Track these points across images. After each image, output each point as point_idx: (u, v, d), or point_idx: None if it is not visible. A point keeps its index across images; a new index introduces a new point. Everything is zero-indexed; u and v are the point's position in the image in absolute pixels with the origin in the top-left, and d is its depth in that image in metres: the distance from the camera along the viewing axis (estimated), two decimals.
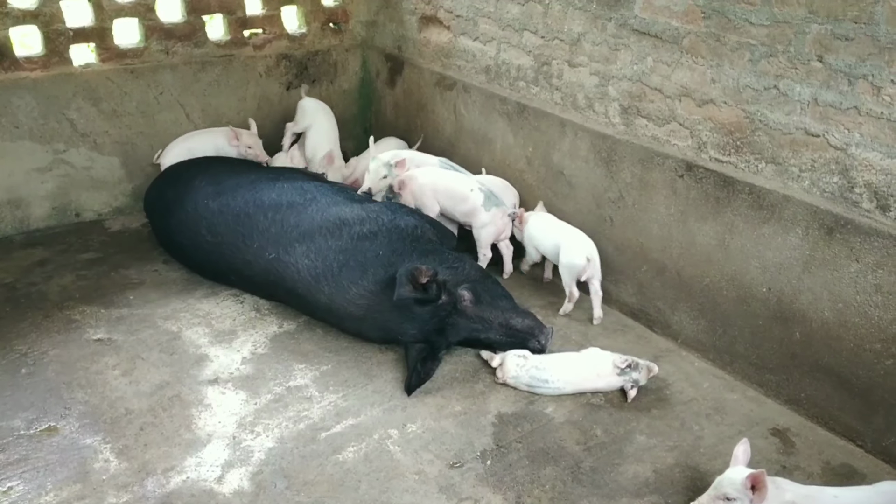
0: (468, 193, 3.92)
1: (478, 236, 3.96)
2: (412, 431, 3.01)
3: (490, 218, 3.89)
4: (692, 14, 3.14)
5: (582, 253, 3.59)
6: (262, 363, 3.39)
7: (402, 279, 3.22)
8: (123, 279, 4.02)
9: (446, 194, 4.00)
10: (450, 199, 4.00)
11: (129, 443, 2.90)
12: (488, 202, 3.89)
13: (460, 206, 3.96)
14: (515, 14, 3.99)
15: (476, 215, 3.91)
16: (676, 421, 3.09)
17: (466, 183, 3.99)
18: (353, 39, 5.21)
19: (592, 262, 3.60)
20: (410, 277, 3.21)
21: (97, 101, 4.40)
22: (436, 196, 4.01)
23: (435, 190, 4.01)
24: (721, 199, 3.19)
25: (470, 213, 3.94)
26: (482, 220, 3.90)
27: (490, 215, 3.89)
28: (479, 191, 3.92)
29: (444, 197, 4.01)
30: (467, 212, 3.94)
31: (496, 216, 3.90)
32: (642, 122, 3.48)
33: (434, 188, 4.01)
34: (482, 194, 3.90)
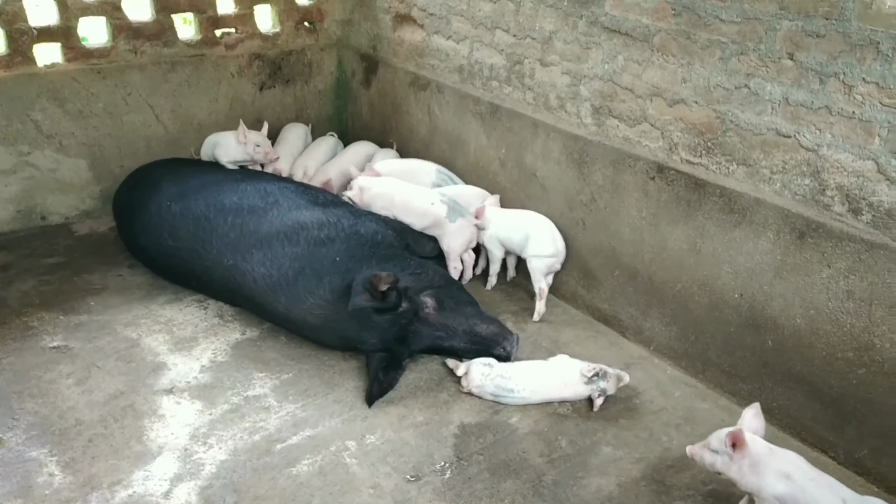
0: (428, 208, 3.77)
1: (446, 249, 3.80)
2: (371, 443, 2.91)
3: (457, 229, 3.74)
4: (662, 11, 3.04)
5: (553, 244, 3.54)
6: (222, 371, 3.29)
7: (357, 287, 3.10)
8: (86, 284, 3.92)
9: (403, 208, 3.86)
10: (408, 214, 3.84)
11: (76, 455, 2.80)
12: (452, 213, 3.74)
13: (421, 220, 3.81)
14: (487, 12, 3.89)
15: (442, 228, 3.76)
16: (645, 431, 2.98)
17: (426, 197, 3.83)
18: (327, 39, 5.11)
19: (561, 253, 3.56)
20: (368, 285, 3.09)
21: (62, 102, 4.30)
22: (391, 209, 3.87)
23: (391, 203, 3.87)
24: (692, 201, 3.08)
25: (434, 227, 3.79)
26: (449, 232, 3.75)
27: (457, 226, 3.74)
28: (441, 203, 3.77)
29: (401, 211, 3.85)
30: (429, 226, 3.80)
31: (463, 227, 3.75)
32: (614, 122, 3.38)
33: (390, 200, 3.87)
34: (445, 206, 3.75)
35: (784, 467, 2.30)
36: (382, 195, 3.91)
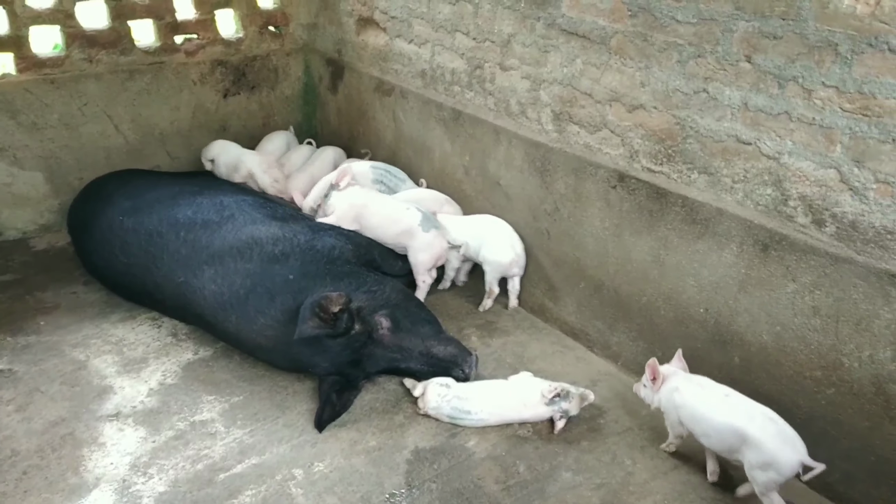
0: (402, 214, 3.64)
1: (414, 262, 3.65)
2: (319, 471, 2.77)
3: (429, 241, 3.59)
4: (618, 12, 2.90)
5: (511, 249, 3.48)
6: (169, 395, 3.15)
7: (304, 313, 2.95)
8: (38, 303, 3.79)
9: (379, 215, 3.70)
10: (381, 221, 3.69)
11: (7, 489, 2.67)
12: (426, 223, 3.61)
13: (392, 227, 3.66)
14: (447, 14, 3.74)
15: (413, 237, 3.60)
16: (607, 454, 2.85)
17: (401, 204, 3.71)
18: (293, 43, 4.97)
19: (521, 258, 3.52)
20: (318, 308, 2.94)
21: (15, 114, 4.16)
22: (359, 219, 3.72)
23: (366, 209, 3.72)
24: (654, 211, 2.94)
25: (404, 236, 3.63)
26: (420, 243, 3.59)
27: (429, 237, 3.59)
28: (417, 210, 3.64)
29: (374, 218, 3.70)
30: (400, 233, 3.63)
31: (434, 239, 3.60)
32: (574, 128, 3.24)
33: (364, 208, 3.72)
34: (419, 214, 3.62)
35: (675, 382, 2.67)
36: (357, 206, 3.75)
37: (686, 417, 2.62)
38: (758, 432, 2.39)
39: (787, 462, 2.34)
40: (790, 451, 2.36)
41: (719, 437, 2.51)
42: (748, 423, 2.42)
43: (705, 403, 2.57)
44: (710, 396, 2.59)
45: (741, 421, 2.43)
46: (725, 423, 2.47)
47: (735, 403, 2.53)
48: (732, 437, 2.45)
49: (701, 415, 2.56)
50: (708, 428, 2.54)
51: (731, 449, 2.48)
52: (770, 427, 2.41)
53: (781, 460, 2.35)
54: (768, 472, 2.37)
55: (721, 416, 2.49)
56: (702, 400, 2.58)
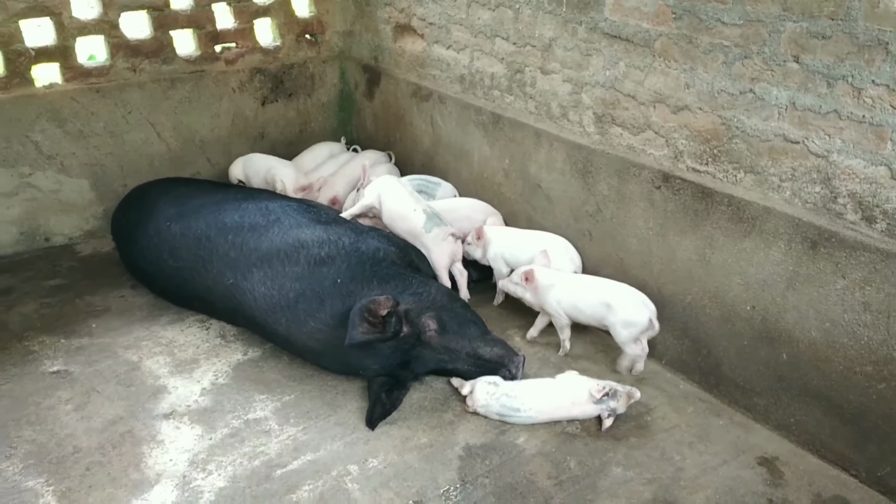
0: (409, 213, 3.72)
1: (431, 262, 3.71)
2: (373, 467, 2.83)
3: (433, 239, 3.64)
4: (663, 15, 2.95)
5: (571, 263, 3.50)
6: (222, 394, 3.22)
7: (354, 319, 2.99)
8: (88, 306, 3.88)
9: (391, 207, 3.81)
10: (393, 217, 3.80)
11: (72, 485, 2.74)
12: (429, 223, 3.65)
13: (401, 224, 3.75)
14: (486, 20, 3.81)
15: (419, 238, 3.68)
16: (656, 450, 2.88)
17: (411, 202, 3.76)
18: (329, 51, 5.06)
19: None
20: (367, 313, 2.99)
21: (62, 123, 4.27)
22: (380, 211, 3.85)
23: (384, 197, 3.83)
24: (700, 211, 2.99)
25: (412, 236, 3.71)
26: (427, 242, 3.66)
27: (432, 236, 3.64)
28: (423, 212, 3.69)
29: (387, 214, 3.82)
30: (408, 232, 3.72)
31: (438, 237, 3.63)
32: (617, 130, 3.29)
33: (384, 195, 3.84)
34: (424, 216, 3.67)
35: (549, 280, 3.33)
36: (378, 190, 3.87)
37: (566, 307, 3.31)
38: (618, 301, 3.15)
39: (641, 318, 3.12)
40: (643, 310, 3.13)
41: (592, 312, 3.25)
42: (611, 297, 3.17)
43: (577, 291, 3.29)
44: (578, 285, 3.32)
45: (606, 297, 3.19)
46: (596, 301, 3.21)
47: (598, 284, 3.30)
48: (602, 309, 3.19)
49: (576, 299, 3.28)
50: (584, 307, 3.26)
51: (601, 318, 3.21)
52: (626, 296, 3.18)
53: (637, 318, 3.12)
54: (629, 329, 3.14)
55: (590, 297, 3.24)
56: (573, 289, 3.30)
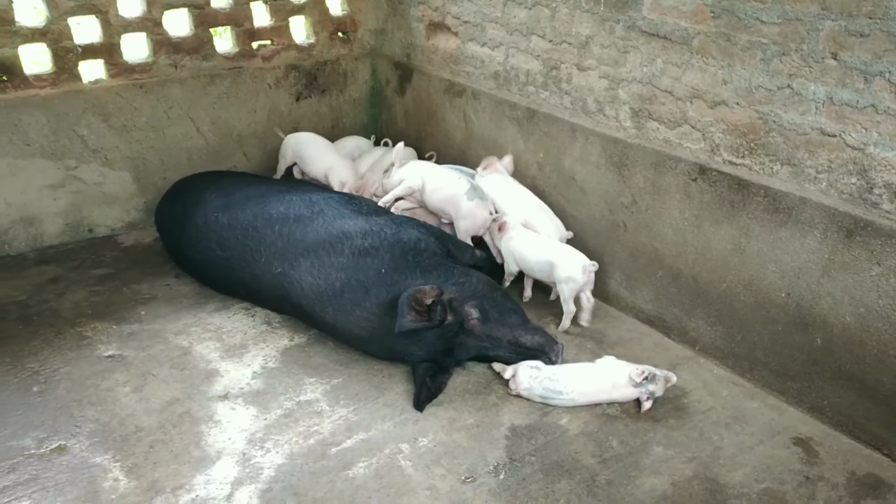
0: (455, 180, 4.00)
1: (457, 227, 3.98)
2: (423, 445, 2.96)
3: (470, 209, 3.89)
4: (701, 14, 3.07)
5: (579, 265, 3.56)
6: (273, 377, 3.35)
7: (402, 307, 3.13)
8: (135, 294, 4.01)
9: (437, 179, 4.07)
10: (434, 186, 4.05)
11: (138, 461, 2.87)
12: (472, 192, 3.91)
13: (444, 192, 4.00)
14: (523, 18, 3.93)
15: (457, 205, 3.93)
16: (695, 431, 3.01)
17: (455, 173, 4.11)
18: (361, 48, 5.19)
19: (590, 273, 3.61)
20: (413, 302, 3.13)
21: (107, 117, 4.40)
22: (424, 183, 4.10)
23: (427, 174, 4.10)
24: (736, 202, 3.11)
25: (450, 202, 3.97)
26: (463, 211, 3.91)
27: (472, 205, 3.88)
28: (467, 181, 3.97)
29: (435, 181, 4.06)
30: (446, 199, 3.98)
31: (477, 208, 3.89)
32: (653, 125, 3.42)
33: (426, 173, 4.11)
34: (468, 184, 3.94)
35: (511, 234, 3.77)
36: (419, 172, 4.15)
37: (519, 259, 3.73)
38: (559, 259, 3.54)
39: (578, 275, 3.50)
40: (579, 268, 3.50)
41: (540, 269, 3.65)
42: (553, 255, 3.57)
43: (528, 248, 3.68)
44: (530, 242, 3.70)
45: (549, 255, 3.58)
46: (541, 259, 3.61)
47: (545, 243, 3.68)
48: (547, 267, 3.58)
49: (526, 256, 3.69)
50: (533, 264, 3.67)
51: (548, 274, 3.60)
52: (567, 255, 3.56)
53: (575, 275, 3.50)
54: (569, 284, 3.53)
55: (537, 254, 3.63)
56: (525, 245, 3.70)
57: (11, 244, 4.34)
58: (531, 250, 3.68)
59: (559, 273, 3.55)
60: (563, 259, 3.55)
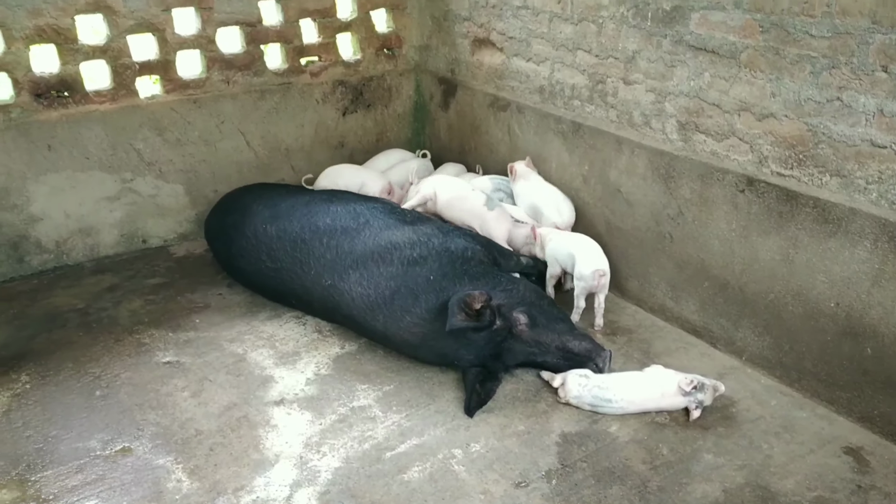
0: (468, 194, 4.18)
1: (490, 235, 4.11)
2: (476, 451, 3.02)
3: (495, 217, 4.06)
4: (750, 28, 3.13)
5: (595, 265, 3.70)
6: (326, 384, 3.44)
7: (453, 308, 3.22)
8: (189, 303, 4.13)
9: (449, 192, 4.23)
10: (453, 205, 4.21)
11: (199, 463, 2.97)
12: (490, 202, 4.13)
13: (459, 205, 4.18)
14: (569, 34, 4.01)
15: (481, 217, 4.09)
16: (744, 439, 3.04)
17: (468, 185, 4.32)
18: (406, 64, 5.30)
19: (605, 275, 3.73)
20: (463, 305, 3.21)
21: (162, 131, 4.54)
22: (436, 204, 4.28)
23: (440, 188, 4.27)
24: (784, 213, 3.14)
25: (471, 215, 4.13)
26: (487, 219, 4.07)
27: (494, 215, 4.06)
28: (481, 192, 4.17)
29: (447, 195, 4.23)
30: (467, 211, 4.15)
31: (500, 216, 4.09)
32: (700, 137, 3.46)
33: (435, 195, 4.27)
34: (483, 195, 4.14)
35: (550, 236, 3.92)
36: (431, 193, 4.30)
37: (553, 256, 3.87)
38: (579, 255, 3.71)
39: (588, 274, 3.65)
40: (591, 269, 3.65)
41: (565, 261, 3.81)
42: (576, 249, 3.74)
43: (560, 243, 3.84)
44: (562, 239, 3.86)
45: (573, 249, 3.75)
46: (568, 251, 3.77)
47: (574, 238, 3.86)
48: (570, 260, 3.75)
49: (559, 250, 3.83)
50: (565, 257, 3.81)
51: (570, 267, 3.76)
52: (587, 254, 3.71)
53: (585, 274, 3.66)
54: (580, 281, 3.68)
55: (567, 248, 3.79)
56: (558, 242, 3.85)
57: (69, 254, 4.49)
58: (565, 245, 3.83)
59: (576, 268, 3.72)
60: (583, 256, 3.72)
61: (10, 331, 3.87)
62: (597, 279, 3.67)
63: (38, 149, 4.22)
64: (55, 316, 4.00)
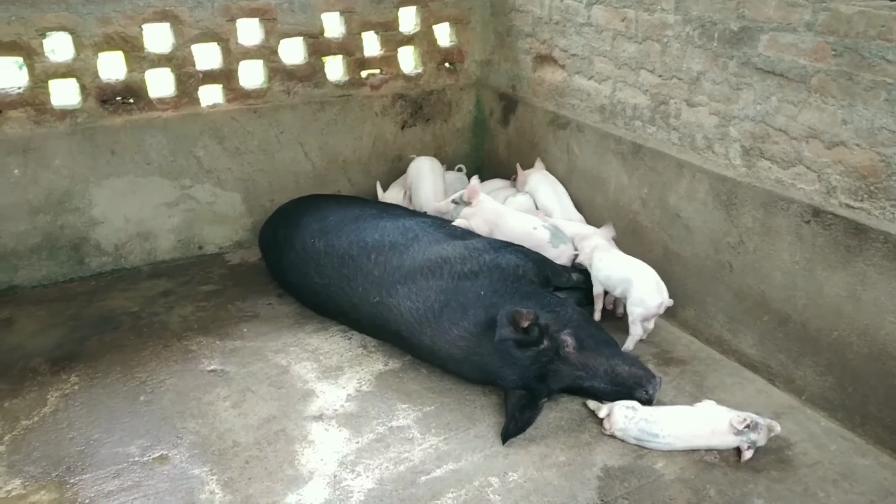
0: (531, 231, 4.01)
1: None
2: (513, 480, 2.92)
3: (557, 255, 3.94)
4: (821, 52, 2.97)
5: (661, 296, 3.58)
6: (367, 401, 3.39)
7: (502, 320, 3.14)
8: (239, 311, 4.14)
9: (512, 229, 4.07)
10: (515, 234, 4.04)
11: (234, 475, 2.95)
12: (555, 239, 3.97)
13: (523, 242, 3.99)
14: (632, 53, 3.90)
15: (545, 252, 3.96)
16: (799, 485, 2.86)
17: (529, 221, 4.10)
18: (467, 79, 5.25)
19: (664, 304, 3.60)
20: (511, 319, 3.14)
21: (222, 140, 4.59)
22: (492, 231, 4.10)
23: (501, 220, 4.10)
24: (852, 247, 2.97)
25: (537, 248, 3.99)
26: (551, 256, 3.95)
27: (558, 252, 3.94)
28: (544, 228, 4.01)
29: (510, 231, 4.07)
30: (535, 246, 3.99)
31: (564, 254, 3.95)
32: (765, 164, 3.31)
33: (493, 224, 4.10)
34: (548, 231, 3.99)
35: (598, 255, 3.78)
36: (487, 220, 4.11)
37: (602, 278, 3.74)
38: (636, 279, 3.57)
39: (653, 303, 3.53)
40: (656, 296, 3.53)
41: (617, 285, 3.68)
42: (632, 274, 3.60)
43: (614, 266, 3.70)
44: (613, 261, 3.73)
45: (628, 273, 3.61)
46: (621, 276, 3.64)
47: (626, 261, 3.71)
48: (624, 283, 3.61)
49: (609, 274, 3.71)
50: (615, 282, 3.68)
51: (624, 291, 3.63)
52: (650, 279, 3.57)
53: (649, 301, 3.53)
54: (638, 307, 3.55)
55: (618, 272, 3.65)
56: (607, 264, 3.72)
57: (128, 257, 4.57)
58: (619, 270, 3.69)
59: (634, 296, 3.57)
60: (643, 284, 3.57)
61: (65, 331, 3.94)
62: (660, 310, 3.57)
63: (102, 153, 4.31)
64: (109, 318, 4.06)
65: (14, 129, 4.08)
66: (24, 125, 4.09)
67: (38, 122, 4.12)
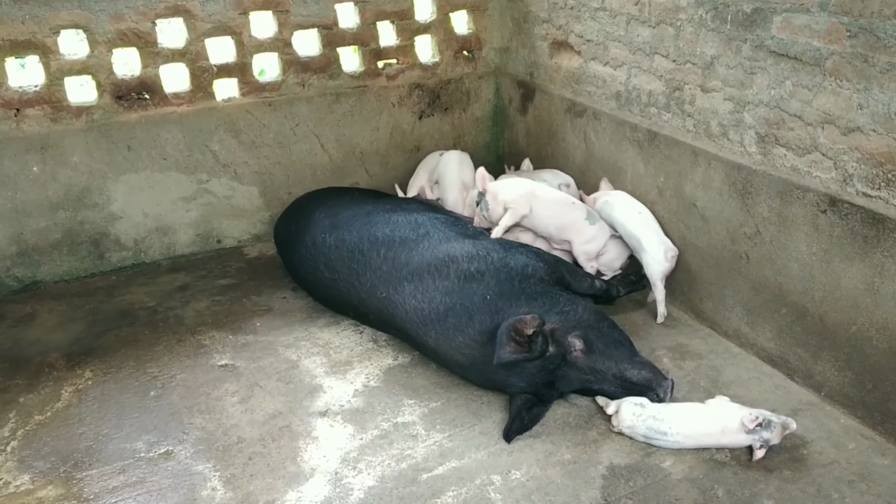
0: (570, 206, 3.97)
1: (578, 252, 3.94)
2: (516, 479, 2.87)
3: (593, 234, 3.91)
4: (836, 33, 2.83)
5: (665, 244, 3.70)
6: (373, 396, 3.37)
7: (502, 338, 3.04)
8: (253, 305, 4.15)
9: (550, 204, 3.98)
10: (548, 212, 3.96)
11: (236, 472, 2.95)
12: (592, 217, 3.94)
13: (558, 219, 3.95)
14: (646, 37, 3.78)
15: (580, 231, 3.91)
16: (812, 486, 2.76)
17: (567, 197, 4.09)
18: (485, 67, 5.16)
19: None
20: (513, 332, 3.04)
21: (237, 133, 4.59)
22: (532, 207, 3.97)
23: (536, 198, 3.98)
24: (870, 238, 2.83)
25: (570, 228, 3.93)
26: (586, 235, 3.90)
27: (594, 230, 3.91)
28: (581, 205, 4.01)
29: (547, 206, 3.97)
30: (566, 225, 3.93)
31: (599, 233, 3.91)
32: (781, 151, 3.18)
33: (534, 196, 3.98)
34: (584, 207, 3.99)
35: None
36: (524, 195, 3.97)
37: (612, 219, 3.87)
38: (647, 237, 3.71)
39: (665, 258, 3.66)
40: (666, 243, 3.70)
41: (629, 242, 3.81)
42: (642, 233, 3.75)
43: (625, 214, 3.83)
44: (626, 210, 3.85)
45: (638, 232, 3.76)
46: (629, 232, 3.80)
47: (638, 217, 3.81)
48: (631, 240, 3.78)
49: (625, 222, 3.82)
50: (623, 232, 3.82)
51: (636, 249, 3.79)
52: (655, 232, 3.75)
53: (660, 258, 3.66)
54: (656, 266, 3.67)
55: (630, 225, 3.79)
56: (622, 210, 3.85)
57: (147, 252, 4.61)
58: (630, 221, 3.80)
59: (647, 256, 3.70)
60: (651, 240, 3.71)
61: (83, 326, 4.00)
62: (671, 261, 3.70)
63: (119, 149, 4.34)
64: (127, 313, 4.11)
65: (32, 127, 4.13)
66: (42, 123, 4.14)
67: (55, 120, 4.16)
